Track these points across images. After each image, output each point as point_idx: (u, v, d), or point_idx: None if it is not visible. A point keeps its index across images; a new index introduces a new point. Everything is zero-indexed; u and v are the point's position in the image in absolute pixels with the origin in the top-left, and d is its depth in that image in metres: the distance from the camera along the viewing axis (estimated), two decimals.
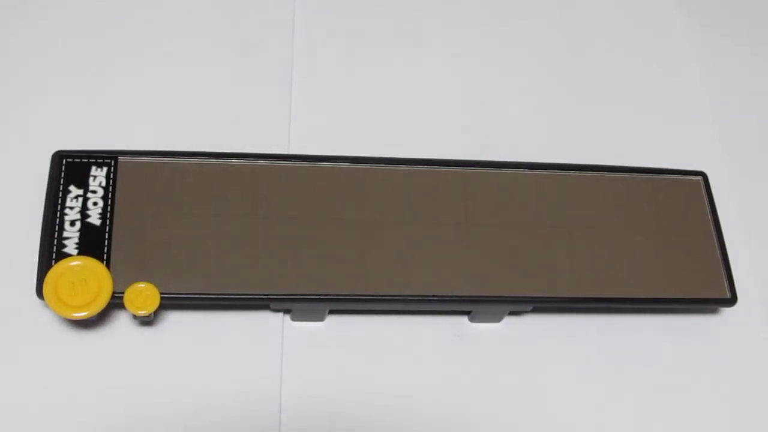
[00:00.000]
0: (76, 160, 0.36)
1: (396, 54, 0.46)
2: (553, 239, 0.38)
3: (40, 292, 0.33)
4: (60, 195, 0.35)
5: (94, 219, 0.35)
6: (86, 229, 0.35)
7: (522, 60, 0.47)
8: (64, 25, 0.43)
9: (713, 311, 0.42)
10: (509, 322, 0.40)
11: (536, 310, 0.39)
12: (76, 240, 0.35)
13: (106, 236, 0.35)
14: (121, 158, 0.37)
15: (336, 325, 0.38)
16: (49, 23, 0.43)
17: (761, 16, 0.52)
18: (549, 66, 0.47)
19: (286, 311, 0.38)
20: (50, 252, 0.34)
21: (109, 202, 0.36)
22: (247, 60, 0.44)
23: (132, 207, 0.36)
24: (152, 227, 0.35)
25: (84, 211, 0.35)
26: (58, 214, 0.35)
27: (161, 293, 0.34)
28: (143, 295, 0.34)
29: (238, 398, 0.36)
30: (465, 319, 0.39)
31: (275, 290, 0.35)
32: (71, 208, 0.35)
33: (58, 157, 0.36)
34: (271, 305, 0.37)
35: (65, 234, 0.35)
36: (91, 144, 0.38)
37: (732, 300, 0.39)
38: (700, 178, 0.42)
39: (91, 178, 0.36)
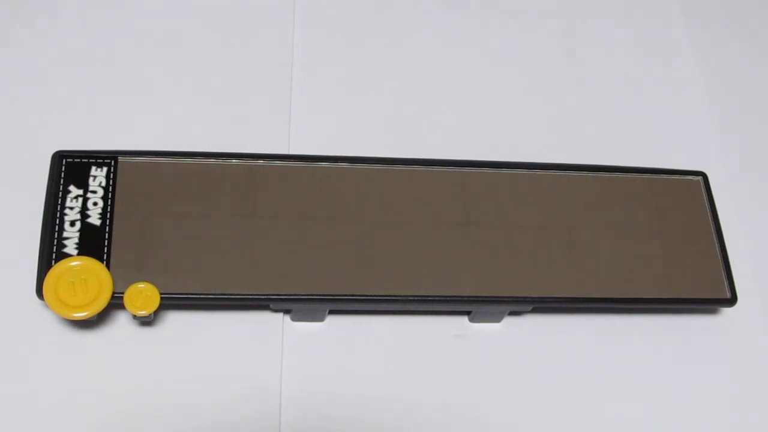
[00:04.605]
0: (76, 160, 0.36)
1: (396, 54, 0.46)
2: (553, 239, 0.38)
3: (40, 292, 0.33)
4: (60, 195, 0.35)
5: (94, 219, 0.35)
6: (86, 229, 0.35)
7: (522, 60, 0.47)
8: (64, 25, 0.43)
9: (713, 311, 0.42)
10: (509, 322, 0.40)
11: (536, 310, 0.39)
12: (76, 240, 0.35)
13: (106, 236, 0.35)
14: (121, 158, 0.37)
15: (336, 325, 0.38)
16: (49, 23, 0.43)
17: (761, 15, 0.52)
18: (549, 66, 0.47)
19: (286, 311, 0.38)
20: (50, 252, 0.34)
21: (109, 202, 0.36)
22: (247, 60, 0.44)
23: (132, 207, 0.36)
24: (152, 227, 0.35)
25: (84, 211, 0.35)
26: (58, 214, 0.35)
27: (161, 293, 0.34)
28: (143, 295, 0.34)
29: (238, 398, 0.36)
30: (465, 319, 0.39)
31: (275, 290, 0.35)
32: (71, 208, 0.35)
33: (58, 157, 0.36)
34: (271, 305, 0.37)
35: (65, 234, 0.35)
36: (91, 144, 0.38)
37: (732, 300, 0.39)
38: (700, 178, 0.42)
39: (91, 178, 0.36)
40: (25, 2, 0.44)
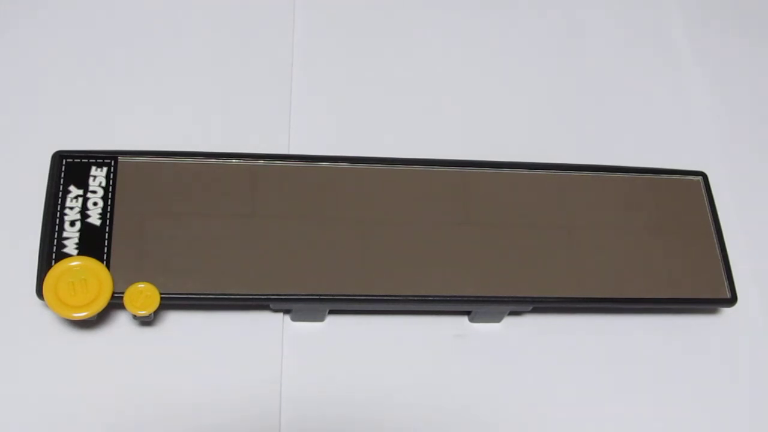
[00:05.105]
0: (76, 160, 0.36)
1: (396, 54, 0.46)
2: (553, 239, 0.38)
3: (40, 292, 0.33)
4: (60, 195, 0.35)
5: (94, 219, 0.35)
6: (86, 229, 0.35)
7: (522, 60, 0.47)
8: (65, 25, 0.43)
9: (713, 311, 0.42)
10: (509, 322, 0.40)
11: (536, 310, 0.39)
12: (76, 240, 0.35)
13: (106, 236, 0.35)
14: (121, 158, 0.37)
15: (336, 325, 0.38)
16: (49, 23, 0.43)
17: (761, 15, 0.52)
18: (549, 66, 0.47)
19: (286, 311, 0.38)
20: (50, 252, 0.34)
21: (109, 202, 0.36)
22: (247, 60, 0.44)
23: (132, 207, 0.36)
24: (152, 227, 0.35)
25: (84, 211, 0.35)
26: (58, 214, 0.35)
27: (161, 293, 0.34)
28: (143, 295, 0.34)
29: (238, 399, 0.36)
30: (465, 319, 0.39)
31: (275, 290, 0.35)
32: (71, 208, 0.35)
33: (58, 157, 0.36)
34: (271, 305, 0.37)
35: (65, 234, 0.35)
36: (91, 144, 0.38)
37: (732, 300, 0.39)
38: (700, 178, 0.42)
39: (91, 178, 0.36)
40: (25, 2, 0.44)
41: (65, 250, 0.34)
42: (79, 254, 0.34)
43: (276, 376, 0.36)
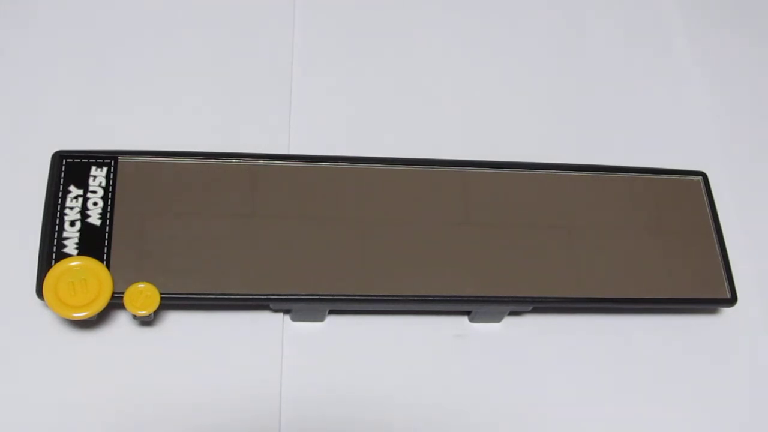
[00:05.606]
0: (76, 160, 0.36)
1: (396, 54, 0.46)
2: (553, 239, 0.38)
3: (40, 292, 0.33)
4: (60, 195, 0.35)
5: (94, 219, 0.35)
6: (86, 229, 0.35)
7: (522, 60, 0.47)
8: (64, 25, 0.43)
9: (713, 311, 0.42)
10: (509, 322, 0.40)
11: (536, 310, 0.39)
12: (76, 240, 0.35)
13: (106, 236, 0.35)
14: (121, 158, 0.37)
15: (336, 325, 0.38)
16: (49, 23, 0.43)
17: (761, 15, 0.52)
18: (549, 66, 0.47)
19: (286, 311, 0.38)
20: (50, 252, 0.34)
21: (109, 202, 0.36)
22: (247, 60, 0.44)
23: (132, 207, 0.36)
24: (152, 227, 0.35)
25: (84, 211, 0.35)
26: (58, 214, 0.35)
27: (161, 293, 0.34)
28: (143, 295, 0.34)
29: (238, 399, 0.36)
30: (465, 319, 0.39)
31: (275, 290, 0.35)
32: (71, 208, 0.35)
33: (58, 157, 0.36)
34: (271, 305, 0.37)
35: (65, 234, 0.35)
36: (91, 144, 0.38)
37: (732, 300, 0.39)
38: (700, 178, 0.42)
39: (91, 178, 0.36)
40: (26, 3, 0.44)
41: (65, 250, 0.34)
42: (79, 254, 0.34)
43: (276, 376, 0.36)
